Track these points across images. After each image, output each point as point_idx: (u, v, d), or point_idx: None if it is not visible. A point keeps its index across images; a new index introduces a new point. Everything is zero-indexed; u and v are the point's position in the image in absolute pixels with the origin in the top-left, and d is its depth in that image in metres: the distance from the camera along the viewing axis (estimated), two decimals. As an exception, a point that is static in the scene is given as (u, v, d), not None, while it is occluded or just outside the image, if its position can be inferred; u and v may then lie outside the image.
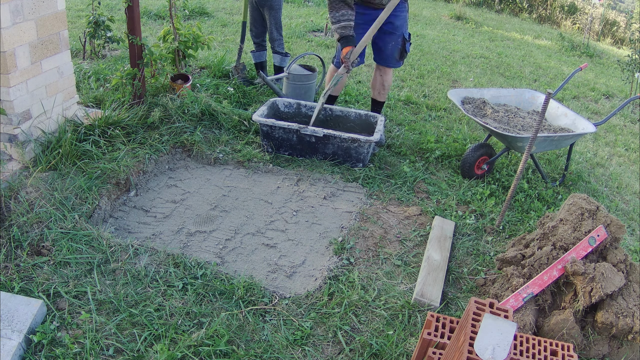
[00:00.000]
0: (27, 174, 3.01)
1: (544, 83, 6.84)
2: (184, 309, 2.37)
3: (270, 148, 3.92)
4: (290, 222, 3.22)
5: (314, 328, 2.38)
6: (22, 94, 3.03)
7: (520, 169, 3.06)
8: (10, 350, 2.01)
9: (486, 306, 1.67)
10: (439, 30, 9.19)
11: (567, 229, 2.52)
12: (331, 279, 2.69)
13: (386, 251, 2.99)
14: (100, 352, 2.13)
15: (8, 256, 2.54)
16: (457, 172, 3.95)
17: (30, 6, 2.96)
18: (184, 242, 2.95)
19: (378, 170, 3.84)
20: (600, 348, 2.37)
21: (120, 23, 6.42)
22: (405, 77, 6.14)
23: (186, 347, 2.16)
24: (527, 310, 2.40)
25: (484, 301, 1.68)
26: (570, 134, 3.61)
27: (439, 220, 3.20)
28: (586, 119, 3.83)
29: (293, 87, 4.64)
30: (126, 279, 2.51)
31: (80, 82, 4.48)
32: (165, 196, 3.36)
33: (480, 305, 1.68)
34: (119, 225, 3.04)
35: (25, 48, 2.98)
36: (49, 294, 2.36)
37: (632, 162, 4.92)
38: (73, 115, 3.51)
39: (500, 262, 2.78)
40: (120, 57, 5.46)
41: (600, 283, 2.33)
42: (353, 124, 4.19)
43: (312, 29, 7.83)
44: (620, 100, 6.80)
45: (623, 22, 11.83)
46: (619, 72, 7.70)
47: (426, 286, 2.65)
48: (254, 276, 2.70)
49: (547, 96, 2.82)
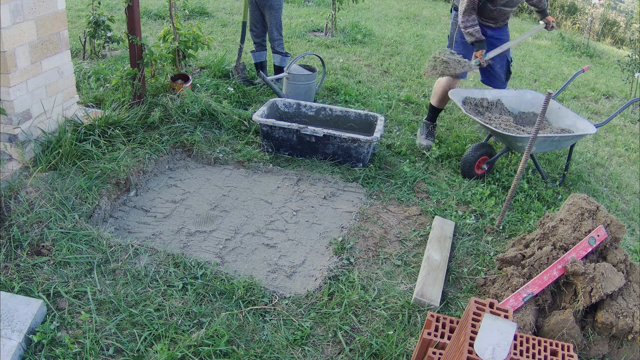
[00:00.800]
0: (27, 173, 3.01)
1: (544, 83, 6.84)
2: (184, 309, 2.37)
3: (270, 148, 3.92)
4: (290, 222, 3.22)
5: (314, 328, 2.38)
6: (22, 94, 3.03)
7: (520, 169, 3.06)
8: (10, 350, 2.01)
9: (486, 306, 1.67)
10: (439, 30, 9.19)
11: (567, 229, 2.52)
12: (331, 279, 2.69)
13: (386, 251, 2.98)
14: (100, 352, 2.13)
15: (8, 256, 2.54)
16: (457, 172, 3.95)
17: (30, 6, 2.96)
18: (184, 242, 2.95)
19: (378, 170, 3.84)
20: (600, 348, 2.37)
21: (120, 23, 6.42)
22: (405, 77, 6.14)
23: (186, 347, 2.16)
24: (527, 310, 2.40)
25: (484, 301, 1.68)
26: (571, 135, 3.60)
27: (439, 221, 3.20)
28: (587, 119, 3.83)
29: (293, 87, 4.64)
30: (126, 278, 2.51)
31: (80, 82, 4.48)
32: (165, 196, 3.36)
33: (480, 305, 1.68)
34: (119, 225, 3.04)
35: (25, 48, 2.98)
36: (49, 294, 2.36)
37: (632, 162, 4.92)
38: (73, 115, 3.51)
39: (500, 262, 2.78)
40: (120, 57, 5.46)
41: (600, 283, 2.33)
42: (353, 123, 4.19)
43: (312, 29, 7.83)
44: (621, 100, 6.80)
45: (623, 22, 11.83)
46: (619, 72, 7.70)
47: (426, 286, 2.65)
48: (254, 276, 2.70)
49: (547, 96, 2.82)
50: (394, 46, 7.49)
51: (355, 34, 7.61)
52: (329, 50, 6.82)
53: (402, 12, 10.56)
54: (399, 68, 6.46)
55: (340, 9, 7.56)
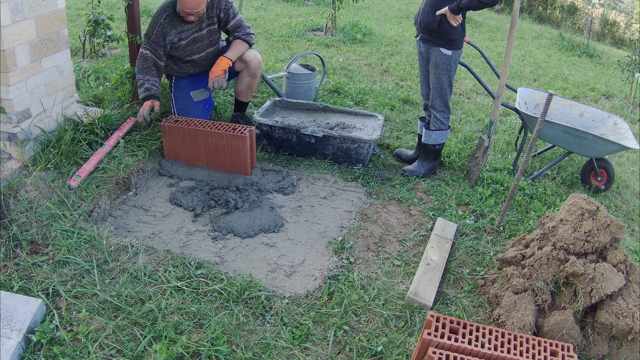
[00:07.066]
0: (26, 172, 3.01)
1: (544, 83, 6.84)
2: (184, 308, 2.37)
3: (270, 148, 3.92)
4: (290, 222, 3.22)
5: (313, 327, 2.38)
6: (22, 93, 3.02)
7: (521, 169, 3.06)
8: (10, 350, 2.01)
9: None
10: (439, 30, 9.17)
11: (567, 229, 2.52)
12: (331, 279, 2.69)
13: (386, 251, 2.98)
14: (100, 351, 2.13)
15: (7, 255, 2.53)
16: (457, 171, 3.95)
17: (30, 4, 2.95)
18: (184, 241, 2.95)
19: (378, 170, 3.83)
20: (600, 348, 2.37)
21: (120, 22, 6.42)
22: (405, 76, 6.13)
23: (185, 347, 2.16)
24: (527, 311, 2.40)
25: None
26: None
27: (441, 222, 3.20)
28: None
29: (293, 86, 4.64)
30: (125, 278, 2.51)
31: (79, 81, 4.47)
32: (164, 195, 3.36)
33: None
34: (118, 224, 3.04)
35: (25, 46, 2.98)
36: (48, 293, 2.35)
37: (632, 162, 4.92)
38: (73, 113, 3.51)
39: (500, 262, 2.78)
40: (120, 56, 5.45)
41: (600, 283, 2.33)
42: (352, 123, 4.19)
43: (312, 28, 7.83)
44: (621, 101, 6.80)
45: (623, 22, 11.84)
46: (619, 72, 7.70)
47: (421, 285, 2.66)
48: (253, 275, 2.70)
49: (549, 96, 2.84)
50: (394, 45, 7.49)
51: (355, 33, 7.61)
52: (329, 50, 6.82)
53: (402, 11, 10.55)
54: (399, 67, 6.46)
55: (340, 8, 7.55)
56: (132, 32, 3.86)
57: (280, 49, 6.49)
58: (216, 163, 3.58)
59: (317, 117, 4.18)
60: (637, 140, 3.87)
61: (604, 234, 2.45)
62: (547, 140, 3.92)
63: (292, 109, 4.28)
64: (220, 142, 3.47)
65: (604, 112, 4.20)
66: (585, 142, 3.74)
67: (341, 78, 5.68)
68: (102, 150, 3.34)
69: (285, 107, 4.28)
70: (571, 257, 2.43)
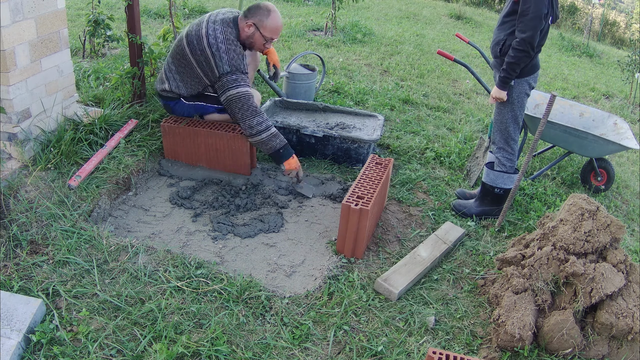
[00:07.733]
0: (26, 172, 3.01)
1: (544, 83, 6.84)
2: (184, 308, 2.37)
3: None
4: (290, 222, 3.22)
5: (313, 327, 2.38)
6: (22, 93, 3.02)
7: (522, 169, 3.06)
8: (10, 350, 2.01)
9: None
10: (438, 30, 9.19)
11: (567, 229, 2.52)
12: (331, 279, 2.69)
13: (386, 251, 2.98)
14: (100, 351, 2.13)
15: (7, 255, 2.53)
16: (457, 171, 3.95)
17: (30, 4, 2.95)
18: (184, 241, 2.95)
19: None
20: (600, 348, 2.37)
21: (120, 22, 6.42)
22: (405, 76, 6.14)
23: (185, 347, 2.16)
24: (527, 311, 2.40)
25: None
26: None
27: (448, 225, 3.18)
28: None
29: (293, 86, 4.63)
30: (125, 278, 2.51)
31: (79, 81, 4.47)
32: (164, 195, 3.36)
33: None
34: (118, 224, 3.04)
35: (25, 46, 2.98)
36: (48, 293, 2.35)
37: (632, 162, 4.93)
38: (73, 113, 3.51)
39: (500, 262, 2.78)
40: (120, 56, 5.45)
41: (600, 283, 2.33)
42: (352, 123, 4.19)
43: (312, 28, 7.83)
44: (621, 101, 6.80)
45: (623, 22, 11.84)
46: (619, 72, 7.70)
47: (395, 274, 2.67)
48: (253, 275, 2.70)
49: (552, 97, 2.84)
50: (394, 45, 7.49)
51: (355, 33, 7.61)
52: (329, 50, 6.82)
53: (402, 11, 10.55)
54: (399, 67, 6.46)
55: (340, 8, 7.56)
56: (132, 32, 3.86)
57: (281, 49, 6.49)
58: (216, 163, 3.59)
59: (317, 117, 4.18)
60: (637, 140, 3.87)
61: (604, 234, 2.45)
62: (547, 140, 3.92)
63: (292, 109, 4.28)
64: (221, 142, 3.47)
65: (604, 112, 4.20)
66: (586, 142, 3.74)
67: (341, 78, 5.68)
68: (103, 151, 3.34)
69: (285, 107, 4.28)
70: (571, 257, 2.43)
